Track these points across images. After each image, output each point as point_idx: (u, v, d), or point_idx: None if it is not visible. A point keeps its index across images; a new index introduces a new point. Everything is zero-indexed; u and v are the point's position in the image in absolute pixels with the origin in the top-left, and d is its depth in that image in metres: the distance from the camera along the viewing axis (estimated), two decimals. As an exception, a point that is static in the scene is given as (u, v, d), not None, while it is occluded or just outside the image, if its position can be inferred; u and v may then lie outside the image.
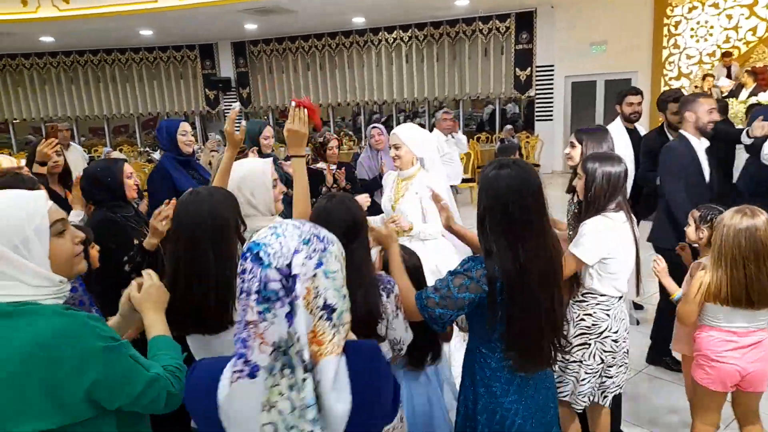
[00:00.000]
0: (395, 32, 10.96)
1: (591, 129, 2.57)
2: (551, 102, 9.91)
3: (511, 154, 4.68)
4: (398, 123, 12.98)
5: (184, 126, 2.99)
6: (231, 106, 3.23)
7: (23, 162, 2.60)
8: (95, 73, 12.60)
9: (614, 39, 9.09)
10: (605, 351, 2.03)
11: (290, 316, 0.87)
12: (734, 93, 6.84)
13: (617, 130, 3.76)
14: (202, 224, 1.52)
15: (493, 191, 1.50)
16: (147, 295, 1.39)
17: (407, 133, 2.77)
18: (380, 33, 11.06)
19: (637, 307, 4.02)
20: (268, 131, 3.66)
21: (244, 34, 11.31)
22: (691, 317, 2.06)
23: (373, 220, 1.74)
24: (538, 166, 8.94)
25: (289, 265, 0.88)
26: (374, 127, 4.62)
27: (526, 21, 9.96)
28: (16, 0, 8.84)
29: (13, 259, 1.08)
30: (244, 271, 0.90)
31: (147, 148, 12.46)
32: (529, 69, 10.13)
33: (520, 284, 1.46)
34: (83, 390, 1.08)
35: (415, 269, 1.82)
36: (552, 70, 9.90)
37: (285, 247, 0.90)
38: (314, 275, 0.89)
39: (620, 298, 2.10)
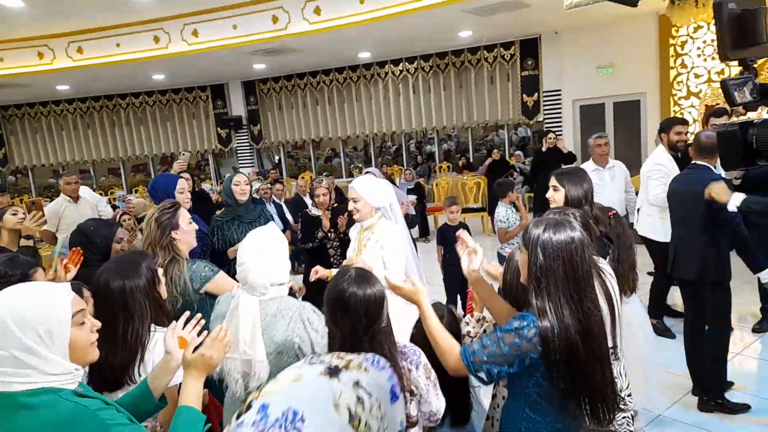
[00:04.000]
0: (401, 64, 11.08)
1: (570, 171, 2.55)
2: (560, 126, 9.85)
3: (508, 190, 4.62)
4: (408, 152, 13.03)
5: (182, 183, 3.02)
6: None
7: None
8: (110, 117, 12.92)
9: (621, 61, 9.05)
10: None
11: None
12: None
13: (664, 158, 4.00)
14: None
15: (552, 252, 1.48)
16: (200, 362, 1.43)
17: (363, 186, 2.87)
18: (386, 66, 11.18)
19: None
20: (239, 178, 3.52)
21: (254, 73, 11.54)
22: None
23: (389, 278, 1.70)
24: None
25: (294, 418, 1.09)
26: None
27: (530, 47, 9.99)
28: (32, 53, 9.15)
29: (37, 351, 1.12)
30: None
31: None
32: (536, 94, 10.13)
33: (584, 342, 1.44)
34: None
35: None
36: (560, 95, 9.88)
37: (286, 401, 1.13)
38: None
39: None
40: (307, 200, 6.97)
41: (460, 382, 1.76)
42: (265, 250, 1.82)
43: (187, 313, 1.64)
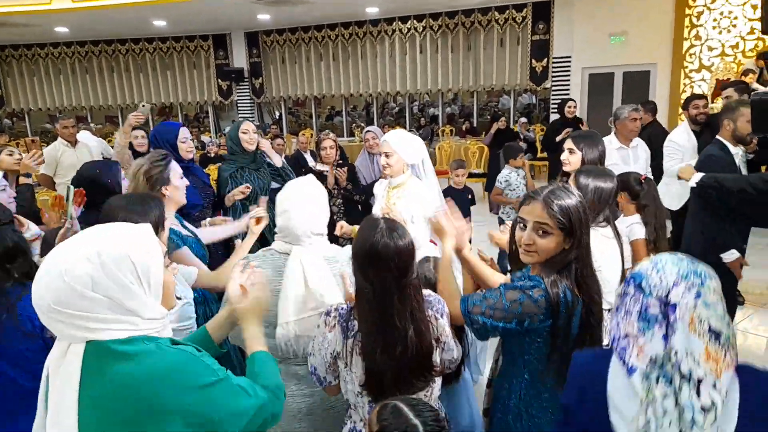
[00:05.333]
0: (409, 22, 10.79)
1: (586, 134, 2.57)
2: (568, 94, 9.69)
3: (516, 155, 4.57)
4: (412, 114, 12.86)
5: (185, 132, 2.93)
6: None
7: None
8: (109, 63, 12.63)
9: (634, 30, 8.84)
10: None
11: (666, 337, 1.05)
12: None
13: (680, 134, 4.33)
14: None
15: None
16: (254, 306, 1.43)
17: (398, 140, 2.67)
18: (394, 23, 10.89)
19: None
20: (247, 125, 3.37)
21: (258, 24, 11.23)
22: None
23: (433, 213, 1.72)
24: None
25: (667, 296, 1.06)
26: (368, 131, 4.56)
27: (543, 11, 9.73)
28: (30, -9, 8.85)
29: (136, 292, 1.06)
30: (626, 294, 1.12)
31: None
32: (546, 60, 9.93)
33: (593, 310, 1.48)
34: (197, 425, 1.07)
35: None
36: (569, 62, 9.68)
37: (664, 280, 1.07)
38: (695, 305, 1.04)
39: (608, 311, 2.05)
40: (308, 157, 6.90)
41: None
42: (306, 197, 1.79)
43: (246, 261, 1.62)
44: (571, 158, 2.40)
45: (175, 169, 2.29)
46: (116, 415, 1.03)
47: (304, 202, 1.77)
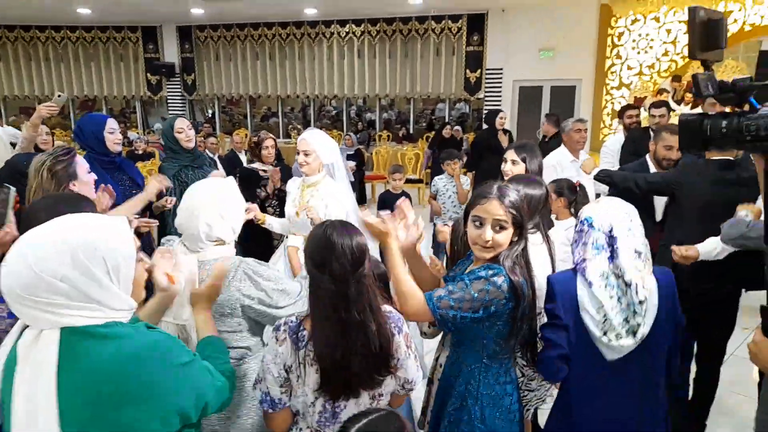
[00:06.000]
0: (348, 26, 10.82)
1: (526, 145, 2.66)
2: (500, 104, 10.05)
3: (451, 159, 4.67)
4: (349, 118, 12.88)
5: (112, 123, 2.79)
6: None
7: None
8: (26, 51, 11.80)
9: (561, 46, 9.31)
10: (524, 365, 1.99)
11: (611, 258, 1.64)
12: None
13: (612, 141, 4.74)
14: None
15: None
16: (209, 293, 1.52)
17: (317, 139, 2.75)
18: (332, 26, 10.88)
19: None
20: (181, 123, 3.23)
21: (191, 18, 10.86)
22: None
23: (364, 214, 1.68)
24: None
25: (610, 231, 1.65)
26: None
27: (477, 23, 10.04)
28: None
29: (105, 285, 1.07)
30: (581, 231, 1.70)
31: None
32: (479, 71, 10.25)
33: (533, 296, 1.65)
34: (177, 404, 1.12)
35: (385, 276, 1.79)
36: (501, 74, 10.05)
37: (607, 220, 1.65)
38: (627, 235, 1.64)
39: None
40: (242, 157, 6.75)
41: None
42: (210, 199, 1.68)
43: (165, 249, 1.60)
44: (515, 169, 2.48)
45: (81, 164, 2.19)
46: (100, 396, 1.03)
47: (206, 204, 1.67)
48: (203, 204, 1.67)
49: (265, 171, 4.08)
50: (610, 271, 1.61)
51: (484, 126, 6.88)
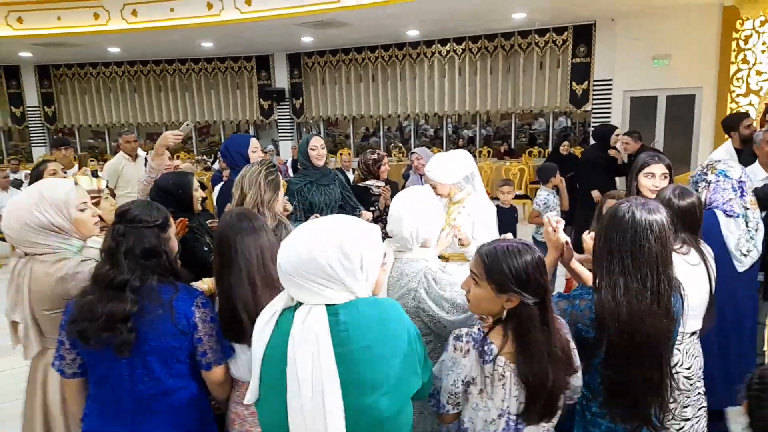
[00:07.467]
0: (449, 45, 10.93)
1: (664, 156, 2.54)
2: (609, 117, 9.63)
3: (550, 174, 4.62)
4: (447, 135, 12.93)
5: (255, 142, 3.02)
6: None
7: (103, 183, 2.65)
8: (157, 83, 13.10)
9: (678, 53, 8.77)
10: (678, 389, 1.87)
11: (741, 197, 2.50)
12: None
13: (721, 155, 3.99)
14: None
15: (623, 230, 1.50)
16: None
17: (435, 170, 2.66)
18: (434, 45, 11.05)
19: None
20: (316, 141, 3.36)
21: (300, 46, 11.53)
22: None
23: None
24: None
25: (739, 179, 2.49)
26: (413, 153, 4.70)
27: (584, 34, 9.75)
28: (88, 13, 9.30)
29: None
30: (717, 181, 2.50)
31: (203, 156, 12.87)
32: (586, 83, 9.91)
33: (624, 328, 1.43)
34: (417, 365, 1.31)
35: None
36: (610, 85, 9.64)
37: (735, 173, 2.51)
38: (747, 183, 2.54)
39: (693, 334, 2.01)
40: (350, 175, 7.01)
41: None
42: (419, 203, 1.90)
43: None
44: (663, 183, 2.44)
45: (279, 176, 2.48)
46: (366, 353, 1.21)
47: (418, 209, 1.90)
48: (415, 209, 1.90)
49: (378, 187, 4.22)
50: (744, 208, 2.39)
51: (593, 141, 6.47)
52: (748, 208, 2.45)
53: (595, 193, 5.27)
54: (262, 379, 1.24)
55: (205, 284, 1.89)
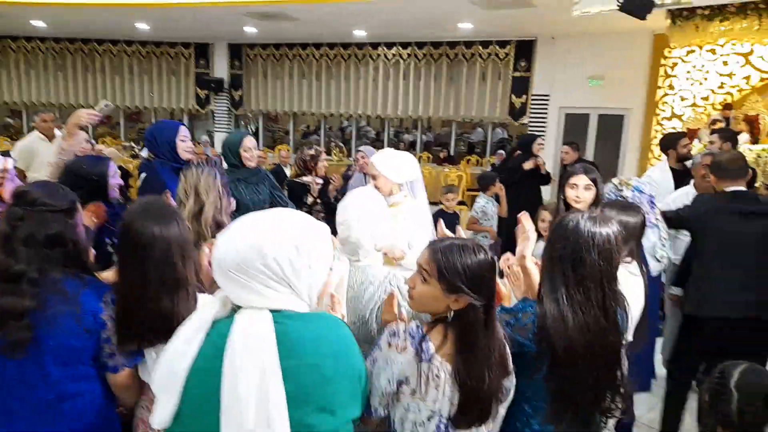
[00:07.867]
0: (395, 48, 10.93)
1: (590, 167, 2.56)
2: (544, 130, 9.94)
3: (490, 182, 4.73)
4: (389, 138, 12.94)
5: (184, 130, 2.81)
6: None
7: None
8: (84, 62, 12.29)
9: (612, 75, 9.19)
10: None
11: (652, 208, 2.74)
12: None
13: (657, 173, 4.18)
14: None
15: (564, 239, 1.46)
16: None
17: (383, 161, 2.63)
18: (380, 48, 11.02)
19: None
20: (249, 142, 3.18)
21: (243, 36, 11.16)
22: None
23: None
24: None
25: (650, 197, 2.71)
26: (359, 151, 4.66)
27: (526, 49, 10.02)
28: (9, -20, 8.58)
29: (304, 276, 1.18)
30: (642, 193, 2.64)
31: (131, 143, 12.18)
32: (525, 96, 10.19)
33: (569, 339, 1.39)
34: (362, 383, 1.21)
35: None
36: (548, 100, 9.96)
37: (647, 190, 2.68)
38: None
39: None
40: (287, 171, 6.82)
41: None
42: (370, 208, 1.83)
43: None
44: (587, 194, 2.38)
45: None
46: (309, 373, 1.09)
47: (368, 214, 1.82)
48: (366, 215, 1.83)
49: (318, 183, 4.11)
50: (654, 216, 2.67)
51: (518, 152, 6.36)
52: (658, 219, 2.74)
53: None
54: (184, 399, 1.06)
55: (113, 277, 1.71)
